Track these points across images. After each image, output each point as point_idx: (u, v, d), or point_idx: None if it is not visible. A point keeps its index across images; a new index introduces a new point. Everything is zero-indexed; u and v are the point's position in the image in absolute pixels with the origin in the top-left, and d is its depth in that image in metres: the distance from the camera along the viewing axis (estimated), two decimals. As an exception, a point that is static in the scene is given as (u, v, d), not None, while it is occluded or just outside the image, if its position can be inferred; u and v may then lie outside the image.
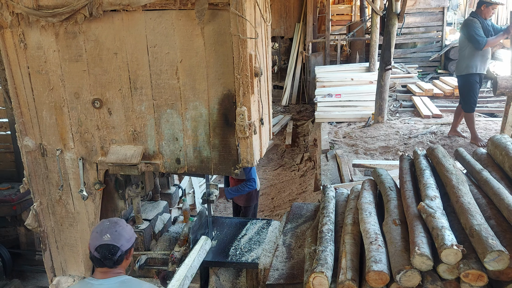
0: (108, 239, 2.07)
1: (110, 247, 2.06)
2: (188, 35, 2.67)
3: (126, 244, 2.12)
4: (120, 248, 2.08)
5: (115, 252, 2.06)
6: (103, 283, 2.06)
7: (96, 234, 2.11)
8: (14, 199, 4.96)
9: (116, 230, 2.11)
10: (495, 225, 2.41)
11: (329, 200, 3.44)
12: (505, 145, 3.12)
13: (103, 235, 2.08)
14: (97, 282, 2.07)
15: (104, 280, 2.07)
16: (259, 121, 2.92)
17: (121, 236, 2.10)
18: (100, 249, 2.06)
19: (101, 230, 2.11)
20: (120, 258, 2.09)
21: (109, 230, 2.10)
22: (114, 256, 2.06)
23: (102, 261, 2.06)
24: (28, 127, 3.13)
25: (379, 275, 2.29)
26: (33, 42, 2.89)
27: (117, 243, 2.07)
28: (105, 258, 2.05)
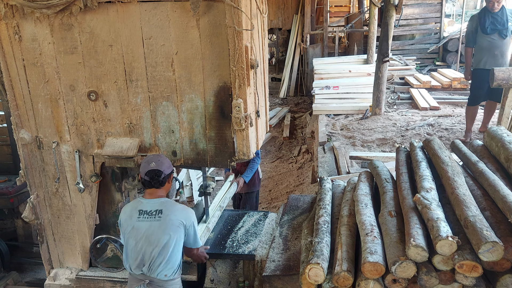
0: (154, 166, 2.68)
1: (156, 171, 2.68)
2: (183, 27, 2.65)
3: (167, 170, 2.73)
4: (163, 172, 2.70)
5: (160, 174, 2.69)
6: (149, 201, 2.74)
7: (145, 164, 2.72)
8: (11, 191, 4.95)
9: (159, 160, 2.72)
10: (490, 216, 2.42)
11: (325, 192, 3.45)
12: (501, 136, 3.13)
13: (150, 163, 2.69)
14: (145, 201, 2.75)
15: (150, 200, 2.75)
16: (255, 113, 2.92)
17: (163, 163, 2.72)
18: (149, 173, 2.68)
19: (148, 160, 2.72)
20: (163, 179, 2.72)
21: (154, 159, 2.72)
22: (159, 178, 2.69)
23: (151, 182, 2.70)
24: (24, 120, 3.12)
25: (375, 266, 2.31)
26: (28, 34, 2.87)
27: (161, 168, 2.69)
28: (152, 179, 2.69)
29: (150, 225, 2.69)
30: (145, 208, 2.73)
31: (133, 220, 2.72)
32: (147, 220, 2.70)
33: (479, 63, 5.66)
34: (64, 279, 3.46)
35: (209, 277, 3.39)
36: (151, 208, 2.72)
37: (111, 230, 3.37)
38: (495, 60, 5.54)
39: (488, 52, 5.54)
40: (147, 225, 2.69)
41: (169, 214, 2.70)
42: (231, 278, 3.40)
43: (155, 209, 2.71)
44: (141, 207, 2.74)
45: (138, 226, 2.71)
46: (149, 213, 2.71)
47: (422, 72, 10.70)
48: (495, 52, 5.54)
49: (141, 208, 2.74)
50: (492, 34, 5.47)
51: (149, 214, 2.71)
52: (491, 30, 5.46)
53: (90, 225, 3.30)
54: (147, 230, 2.69)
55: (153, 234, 2.68)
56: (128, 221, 2.75)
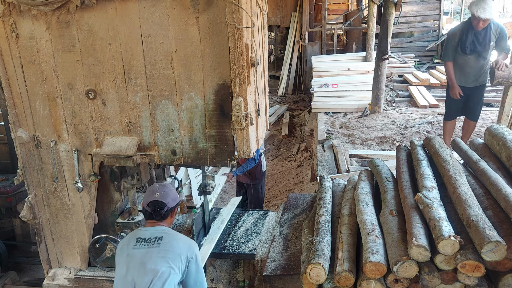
0: (158, 197, 2.50)
1: (159, 203, 2.50)
2: (182, 25, 2.62)
3: (172, 203, 2.55)
4: (167, 204, 2.51)
5: (163, 206, 2.50)
6: (149, 229, 2.52)
7: (149, 193, 2.55)
8: (9, 190, 4.92)
9: (165, 191, 2.55)
10: (492, 215, 2.41)
11: (326, 191, 3.43)
12: (502, 135, 3.12)
13: (154, 193, 2.52)
14: (145, 229, 2.54)
15: (150, 227, 2.53)
16: (255, 112, 2.89)
17: (168, 195, 2.54)
18: (151, 204, 2.50)
19: (153, 190, 2.55)
20: (166, 213, 2.52)
21: (159, 190, 2.54)
22: (162, 210, 2.50)
23: (152, 214, 2.51)
24: (21, 118, 3.09)
25: (376, 266, 2.29)
26: (25, 32, 2.83)
27: (165, 200, 2.51)
28: (154, 212, 2.50)
29: (147, 252, 2.40)
30: (144, 236, 2.48)
31: (129, 248, 2.45)
32: (144, 247, 2.42)
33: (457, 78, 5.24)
34: (63, 279, 3.43)
35: (209, 276, 3.37)
36: (150, 236, 2.47)
37: (110, 230, 3.34)
38: (466, 78, 5.17)
39: (461, 70, 5.16)
40: (143, 251, 2.40)
41: (170, 241, 2.44)
42: (231, 277, 3.38)
43: (155, 236, 2.46)
44: (140, 235, 2.50)
45: (133, 253, 2.42)
46: (148, 240, 2.44)
47: (421, 69, 10.68)
48: (468, 71, 5.13)
49: (139, 236, 2.49)
50: (470, 55, 5.01)
51: (147, 241, 2.44)
52: (470, 51, 4.98)
53: (88, 224, 3.27)
54: (143, 257, 2.39)
55: (150, 261, 2.37)
56: (124, 249, 2.49)
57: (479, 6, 4.74)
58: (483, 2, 4.74)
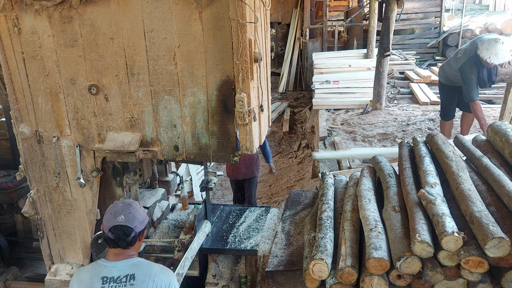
0: (122, 221, 2.09)
1: (124, 228, 2.08)
2: (185, 20, 2.61)
3: (140, 226, 2.14)
4: (134, 229, 2.10)
5: (129, 233, 2.08)
6: (116, 265, 2.09)
7: (110, 216, 2.12)
8: (11, 186, 4.92)
9: (130, 212, 2.13)
10: (495, 211, 2.41)
11: (328, 187, 3.43)
12: (505, 131, 3.11)
13: (117, 216, 2.10)
14: (110, 265, 2.10)
15: (117, 262, 2.10)
16: (258, 107, 2.89)
17: (135, 218, 2.12)
18: (114, 230, 2.08)
19: (115, 212, 2.12)
20: (133, 239, 2.12)
21: (124, 211, 2.12)
22: (128, 237, 2.08)
23: (116, 241, 2.09)
24: (23, 114, 3.08)
25: (379, 262, 2.29)
26: (27, 26, 2.82)
27: (131, 224, 2.10)
28: (119, 239, 2.08)
29: None
30: (112, 274, 2.07)
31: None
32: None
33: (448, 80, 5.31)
34: (65, 275, 3.43)
35: (211, 272, 3.38)
36: (119, 274, 2.07)
37: (112, 225, 3.34)
38: None
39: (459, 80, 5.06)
40: None
41: (144, 279, 2.06)
42: (233, 273, 3.39)
43: (125, 274, 2.07)
44: (105, 273, 2.08)
45: None
46: (117, 280, 2.05)
47: (422, 66, 10.67)
48: None
49: (104, 274, 2.07)
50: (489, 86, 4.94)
51: (117, 281, 2.05)
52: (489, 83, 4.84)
53: (91, 220, 3.27)
54: None
55: None
56: None
57: (491, 52, 4.54)
58: (494, 47, 4.52)
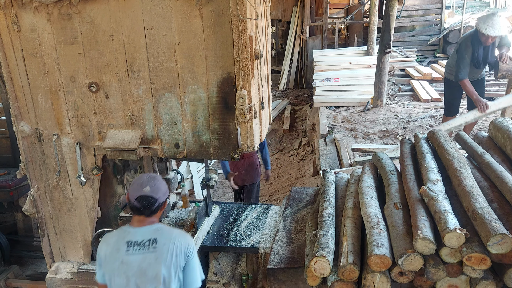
0: (148, 191, 2.28)
1: (149, 198, 2.28)
2: (186, 17, 2.59)
3: (162, 197, 2.34)
4: (157, 200, 2.30)
5: (153, 202, 2.29)
6: (139, 231, 2.31)
7: (137, 186, 2.31)
8: (11, 184, 4.91)
9: (155, 184, 2.33)
10: (498, 208, 2.40)
11: (329, 184, 3.42)
12: (507, 128, 3.10)
13: (143, 187, 2.30)
14: (134, 230, 2.32)
15: (140, 228, 2.32)
16: (259, 104, 2.87)
17: (159, 189, 2.33)
18: (140, 199, 2.28)
19: (142, 183, 2.32)
20: (156, 208, 2.32)
21: (149, 183, 2.32)
22: (152, 206, 2.29)
23: (141, 210, 2.29)
24: (23, 112, 3.07)
25: (381, 259, 2.29)
26: (27, 24, 2.81)
27: (155, 195, 2.30)
28: (144, 208, 2.28)
29: (144, 258, 2.27)
30: (135, 239, 2.30)
31: (121, 254, 2.28)
32: (139, 252, 2.28)
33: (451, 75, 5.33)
34: (66, 273, 3.43)
35: (212, 270, 3.37)
36: (142, 238, 2.30)
37: (112, 224, 3.34)
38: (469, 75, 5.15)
39: None
40: (140, 258, 2.27)
41: (165, 242, 2.29)
42: (234, 271, 3.38)
43: (148, 238, 2.30)
44: (130, 237, 2.31)
45: (129, 260, 2.27)
46: (141, 244, 2.29)
47: (423, 64, 10.65)
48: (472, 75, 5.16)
49: (129, 239, 2.31)
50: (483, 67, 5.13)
51: (140, 245, 2.29)
52: (483, 65, 5.07)
53: (91, 218, 3.26)
54: (141, 264, 2.27)
55: (149, 268, 2.27)
56: (114, 255, 2.31)
57: (487, 24, 4.66)
58: (491, 19, 4.65)
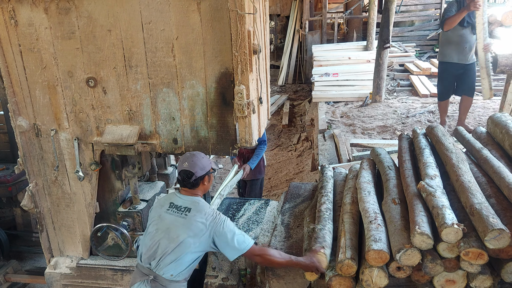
0: (186, 166, 2.63)
1: (188, 172, 2.63)
2: (183, 11, 2.58)
3: (200, 171, 2.64)
4: (194, 174, 2.62)
5: (190, 176, 2.63)
6: (182, 197, 2.69)
7: (180, 162, 2.68)
8: (10, 180, 4.91)
9: (193, 160, 2.64)
10: (496, 203, 2.40)
11: (327, 179, 3.42)
12: (505, 123, 3.10)
13: (183, 162, 2.65)
14: (179, 195, 2.71)
15: (184, 196, 2.70)
16: (257, 100, 2.87)
17: (195, 165, 2.63)
18: (181, 173, 2.65)
19: (183, 159, 2.67)
20: (195, 181, 2.65)
21: (188, 159, 2.65)
22: (190, 179, 2.63)
23: (182, 182, 2.67)
24: (21, 107, 3.06)
25: (379, 254, 2.29)
26: (24, 18, 2.80)
27: (192, 169, 2.62)
28: (183, 180, 2.66)
29: (174, 220, 2.62)
30: (177, 203, 2.68)
31: (162, 210, 2.69)
32: (174, 214, 2.64)
33: (446, 56, 5.56)
34: (65, 268, 3.44)
35: (210, 265, 3.38)
36: (181, 204, 2.67)
37: (111, 219, 3.34)
38: (463, 54, 5.45)
39: (458, 46, 5.43)
40: (172, 218, 2.64)
41: (195, 215, 2.61)
42: (232, 265, 3.39)
43: (185, 206, 2.65)
44: (174, 200, 2.70)
45: (164, 217, 2.67)
46: (178, 208, 2.66)
47: (422, 59, 10.63)
48: (465, 46, 5.42)
49: (173, 201, 2.70)
50: (465, 28, 5.33)
51: (177, 208, 2.65)
52: (467, 24, 5.30)
53: (90, 213, 3.26)
54: (171, 223, 2.63)
55: (174, 229, 2.60)
56: (158, 209, 2.72)
57: None
58: None
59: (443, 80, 5.74)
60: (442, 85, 5.81)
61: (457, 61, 5.47)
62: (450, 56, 5.51)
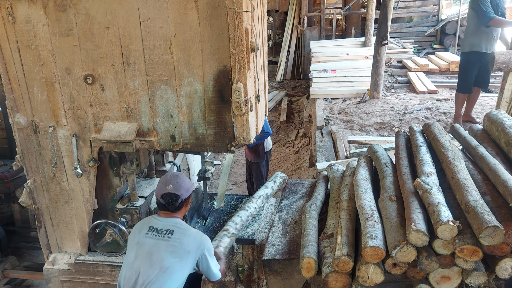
0: (171, 189, 2.50)
1: (173, 195, 2.50)
2: (181, 8, 2.59)
3: (185, 193, 2.55)
4: (180, 196, 2.52)
5: (176, 199, 2.51)
6: (162, 220, 2.55)
7: (162, 185, 2.54)
8: (7, 176, 4.92)
9: (177, 182, 2.53)
10: (491, 200, 2.42)
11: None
12: (501, 121, 3.12)
13: (167, 185, 2.52)
14: (158, 219, 2.56)
15: (163, 218, 2.55)
16: (255, 97, 2.88)
17: (181, 187, 2.53)
18: (165, 196, 2.51)
19: (166, 181, 2.54)
20: (180, 204, 2.53)
21: (172, 181, 2.53)
22: (175, 203, 2.51)
23: (166, 206, 2.52)
24: (19, 104, 3.07)
25: (375, 251, 2.31)
26: (22, 15, 2.79)
27: (178, 191, 2.51)
28: (168, 204, 2.51)
29: (156, 243, 2.46)
30: (157, 226, 2.53)
31: (141, 235, 2.52)
32: (154, 237, 2.48)
33: (474, 46, 5.52)
34: (63, 264, 3.45)
35: (208, 261, 3.40)
36: (162, 227, 2.51)
37: (109, 215, 3.36)
38: (491, 44, 5.49)
39: (487, 35, 5.45)
40: (153, 242, 2.47)
41: (180, 237, 2.47)
42: (230, 262, 3.41)
43: (167, 228, 2.50)
44: (153, 223, 2.55)
45: (144, 242, 2.49)
46: (159, 231, 2.50)
47: (420, 55, 10.65)
48: (493, 35, 5.48)
49: (152, 224, 2.54)
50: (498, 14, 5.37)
51: (158, 231, 2.49)
52: (500, 13, 5.34)
53: (88, 210, 3.28)
54: (152, 247, 2.45)
55: (156, 253, 2.43)
56: (136, 235, 2.55)
57: None
58: None
59: (468, 71, 5.61)
60: (467, 76, 5.66)
61: (485, 50, 5.44)
62: (479, 45, 5.45)
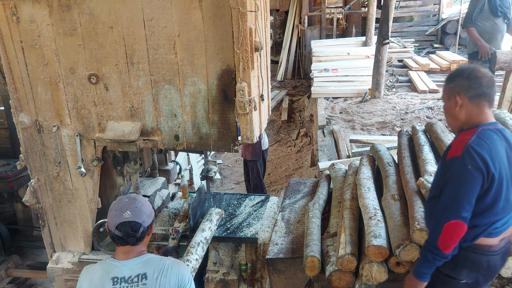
0: (129, 216, 1.95)
1: (132, 224, 1.95)
2: (185, 8, 2.60)
3: (148, 220, 2.01)
4: (142, 224, 1.97)
5: (137, 228, 1.95)
6: (126, 264, 1.97)
7: (116, 212, 1.98)
8: (11, 175, 4.93)
9: (136, 206, 1.99)
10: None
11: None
12: (504, 120, 3.13)
13: (123, 212, 1.96)
14: (120, 264, 1.97)
15: (127, 261, 1.98)
16: (259, 97, 2.89)
17: (142, 212, 1.99)
18: (121, 226, 1.94)
19: (121, 207, 1.98)
20: (142, 234, 1.99)
21: (129, 206, 1.98)
22: (137, 233, 1.96)
23: (125, 239, 1.95)
24: (23, 103, 3.08)
25: (379, 250, 2.32)
26: (26, 15, 2.80)
27: (138, 219, 1.96)
28: (128, 236, 1.95)
29: None
30: (122, 274, 1.95)
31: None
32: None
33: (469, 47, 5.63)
34: (67, 263, 3.47)
35: (211, 260, 3.41)
36: (130, 273, 1.95)
37: (113, 214, 3.36)
38: (496, 44, 5.50)
39: (491, 36, 5.48)
40: None
41: (158, 276, 1.95)
42: (233, 260, 3.42)
43: (137, 273, 1.95)
44: (116, 273, 1.95)
45: None
46: (129, 280, 1.93)
47: (421, 54, 10.63)
48: (497, 36, 5.49)
49: (115, 274, 1.95)
50: (499, 18, 5.41)
51: (128, 281, 1.93)
52: (500, 13, 5.38)
53: (92, 209, 3.29)
54: None
55: None
56: None
57: None
58: None
59: None
60: None
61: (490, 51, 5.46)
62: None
